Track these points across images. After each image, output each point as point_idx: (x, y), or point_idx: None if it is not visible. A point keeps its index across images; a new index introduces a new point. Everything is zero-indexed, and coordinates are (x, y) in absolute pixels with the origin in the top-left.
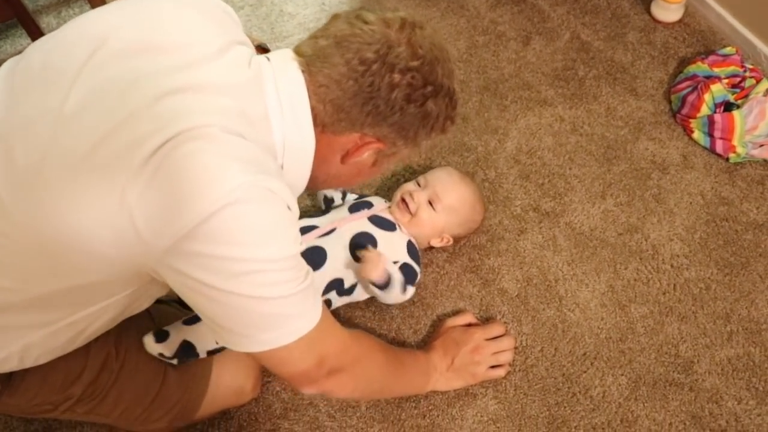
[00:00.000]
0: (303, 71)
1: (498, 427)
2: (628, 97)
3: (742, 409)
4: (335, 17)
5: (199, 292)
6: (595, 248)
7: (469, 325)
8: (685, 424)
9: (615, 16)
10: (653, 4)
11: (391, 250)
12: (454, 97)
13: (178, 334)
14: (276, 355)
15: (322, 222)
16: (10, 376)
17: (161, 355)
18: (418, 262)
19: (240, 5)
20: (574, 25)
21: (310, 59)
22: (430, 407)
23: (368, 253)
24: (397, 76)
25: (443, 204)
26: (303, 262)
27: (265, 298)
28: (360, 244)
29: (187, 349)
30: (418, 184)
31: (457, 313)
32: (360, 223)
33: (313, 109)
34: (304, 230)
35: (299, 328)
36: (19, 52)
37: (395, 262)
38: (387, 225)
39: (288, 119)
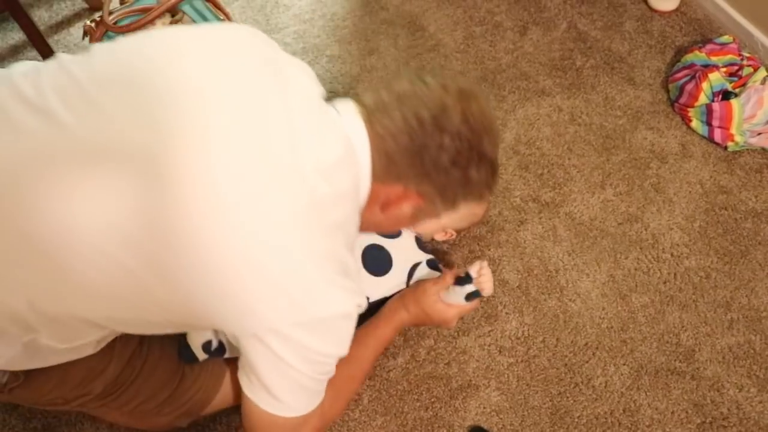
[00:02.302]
0: (365, 121)
1: (501, 419)
2: (626, 87)
3: (744, 396)
4: (399, 76)
5: (272, 363)
6: (596, 238)
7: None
8: (687, 412)
9: (612, 5)
10: None
11: (406, 254)
12: (497, 168)
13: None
14: (272, 420)
15: None
16: (30, 370)
17: (207, 342)
18: (429, 252)
19: None
20: (571, 14)
21: (371, 110)
22: (432, 399)
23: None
24: (446, 139)
25: None
26: None
27: (316, 379)
28: (435, 267)
29: (219, 350)
30: None
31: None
32: (368, 235)
33: (371, 159)
34: None
35: (308, 405)
36: (12, 47)
37: (417, 264)
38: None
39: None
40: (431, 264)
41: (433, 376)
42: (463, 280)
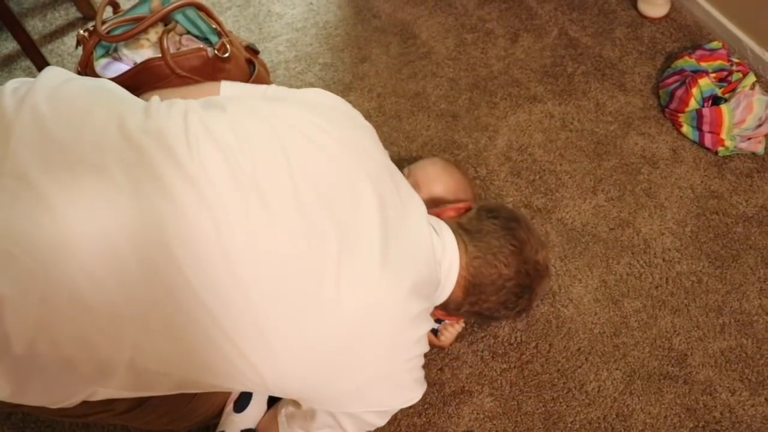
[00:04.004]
0: (460, 285)
1: (494, 424)
2: (616, 93)
3: (736, 400)
4: (515, 247)
5: (331, 428)
6: (587, 243)
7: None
8: (680, 416)
9: (602, 12)
10: (640, 0)
11: None
12: None
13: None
14: None
15: None
16: None
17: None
18: None
19: (227, 6)
20: (562, 21)
21: (474, 283)
22: (425, 406)
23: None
24: (512, 315)
25: (423, 193)
26: None
27: None
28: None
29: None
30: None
31: None
32: None
33: (447, 304)
34: None
35: None
36: (5, 56)
37: None
38: None
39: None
40: None
41: (426, 382)
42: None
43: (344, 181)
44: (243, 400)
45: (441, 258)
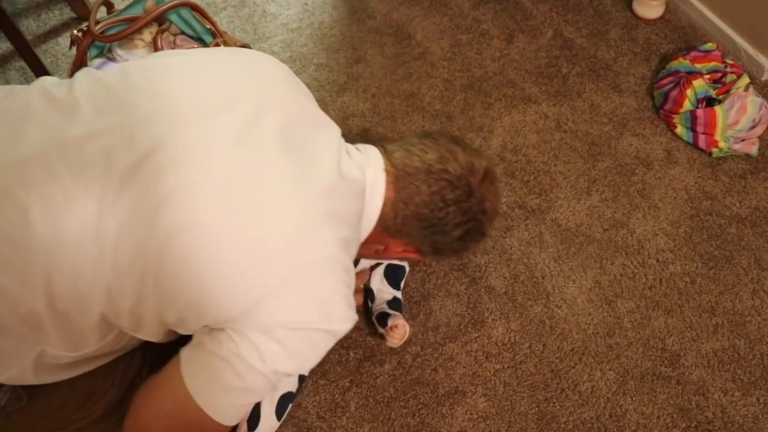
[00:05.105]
0: (389, 182)
1: (488, 425)
2: (611, 94)
3: (728, 400)
4: (433, 140)
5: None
6: (581, 244)
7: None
8: (672, 417)
9: (597, 13)
10: (635, 1)
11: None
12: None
13: None
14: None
15: None
16: (33, 388)
17: None
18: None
19: (222, 6)
20: (557, 22)
21: (401, 174)
22: (419, 406)
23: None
24: (463, 220)
25: None
26: None
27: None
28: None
29: None
30: None
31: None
32: None
33: (384, 215)
34: None
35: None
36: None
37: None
38: None
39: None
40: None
41: (420, 383)
42: (382, 320)
43: (241, 97)
44: (254, 419)
45: (365, 165)
